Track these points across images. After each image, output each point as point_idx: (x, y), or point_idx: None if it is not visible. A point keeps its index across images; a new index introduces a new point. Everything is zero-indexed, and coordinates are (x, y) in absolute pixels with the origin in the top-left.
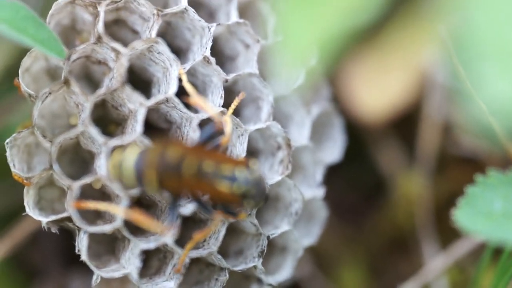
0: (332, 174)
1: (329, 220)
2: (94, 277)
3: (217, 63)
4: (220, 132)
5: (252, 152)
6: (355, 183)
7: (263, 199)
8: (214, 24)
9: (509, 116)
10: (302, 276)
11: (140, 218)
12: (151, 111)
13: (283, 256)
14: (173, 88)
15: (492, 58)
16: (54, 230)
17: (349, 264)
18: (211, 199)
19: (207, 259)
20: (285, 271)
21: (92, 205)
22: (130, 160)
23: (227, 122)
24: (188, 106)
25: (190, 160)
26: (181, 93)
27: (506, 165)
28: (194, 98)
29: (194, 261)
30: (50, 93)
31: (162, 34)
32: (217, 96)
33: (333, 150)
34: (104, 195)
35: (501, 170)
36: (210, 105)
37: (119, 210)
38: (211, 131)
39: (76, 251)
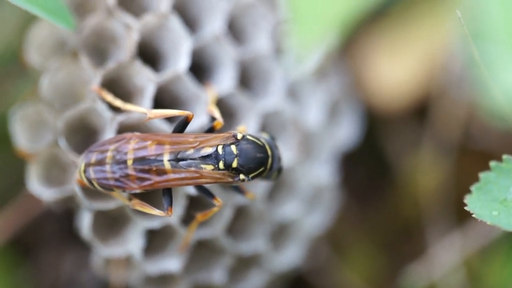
0: (348, 158)
1: (346, 204)
2: (96, 256)
3: (228, 41)
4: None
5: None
6: (371, 166)
7: (257, 168)
8: (224, 2)
9: None
10: (316, 262)
11: (139, 206)
12: (158, 92)
13: (288, 238)
14: (183, 64)
15: (503, 45)
16: (55, 208)
17: (364, 248)
18: (207, 182)
19: (211, 242)
20: (290, 253)
21: None
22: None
23: (213, 111)
24: (198, 83)
25: (168, 151)
26: (190, 70)
27: None
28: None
29: (198, 244)
30: (57, 66)
31: (174, 9)
32: (227, 75)
33: (346, 134)
34: None
35: None
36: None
37: (120, 197)
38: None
39: (76, 229)
